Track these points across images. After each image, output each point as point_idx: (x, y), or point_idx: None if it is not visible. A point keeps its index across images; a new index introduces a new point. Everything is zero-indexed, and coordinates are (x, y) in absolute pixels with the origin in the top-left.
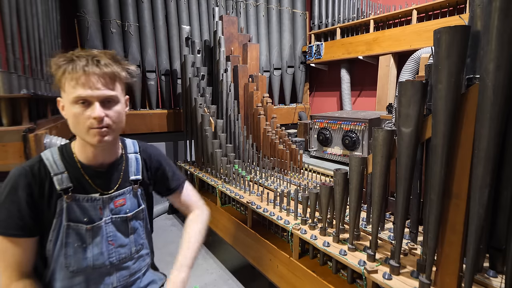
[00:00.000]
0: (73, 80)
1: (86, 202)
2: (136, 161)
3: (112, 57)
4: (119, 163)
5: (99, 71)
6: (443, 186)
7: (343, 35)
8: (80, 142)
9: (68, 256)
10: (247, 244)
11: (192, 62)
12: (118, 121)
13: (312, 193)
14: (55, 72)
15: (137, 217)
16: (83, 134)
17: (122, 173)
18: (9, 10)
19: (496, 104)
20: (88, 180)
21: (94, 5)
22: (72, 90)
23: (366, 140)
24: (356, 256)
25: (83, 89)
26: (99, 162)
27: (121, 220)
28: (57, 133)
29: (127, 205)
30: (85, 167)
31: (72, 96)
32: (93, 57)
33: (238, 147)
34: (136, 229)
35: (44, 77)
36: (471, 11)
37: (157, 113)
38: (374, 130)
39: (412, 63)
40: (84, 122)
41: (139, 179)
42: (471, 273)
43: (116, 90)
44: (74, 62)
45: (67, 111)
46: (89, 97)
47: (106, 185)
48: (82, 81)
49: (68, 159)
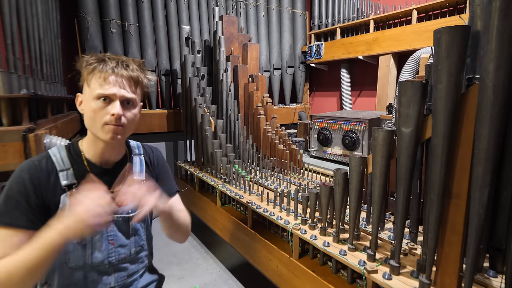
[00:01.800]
0: (101, 77)
1: None
2: (140, 162)
3: (139, 64)
4: (124, 162)
5: (126, 74)
6: (443, 186)
7: (343, 35)
8: (89, 139)
9: (68, 252)
10: (247, 244)
11: (192, 62)
12: (133, 123)
13: (312, 193)
14: (85, 68)
15: None
16: (97, 129)
17: (127, 174)
18: (9, 10)
19: (496, 104)
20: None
21: (94, 5)
22: (98, 87)
23: (366, 140)
24: (356, 256)
25: (109, 87)
26: (105, 160)
27: (123, 220)
28: (57, 133)
29: (129, 205)
30: (91, 164)
31: (97, 92)
32: (122, 61)
33: (238, 147)
34: (137, 230)
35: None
36: (471, 11)
37: (157, 113)
38: (374, 130)
39: (412, 63)
40: (102, 117)
41: (142, 180)
42: (471, 273)
43: (136, 94)
44: (105, 62)
45: (86, 105)
46: (112, 95)
47: (111, 183)
48: (109, 80)
49: (75, 156)
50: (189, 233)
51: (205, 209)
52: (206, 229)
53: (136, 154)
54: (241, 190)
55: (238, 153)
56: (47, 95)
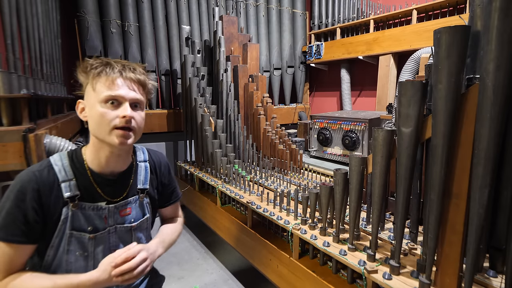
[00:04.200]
0: (109, 80)
1: (91, 211)
2: (145, 170)
3: (143, 68)
4: (129, 172)
5: (134, 76)
6: (443, 186)
7: (343, 35)
8: (94, 147)
9: (70, 263)
10: (247, 244)
11: (192, 62)
12: (141, 126)
13: (312, 193)
14: (89, 71)
15: (141, 227)
16: (105, 134)
17: (131, 182)
18: (9, 10)
19: (496, 104)
20: (96, 188)
21: (94, 5)
22: (105, 90)
23: (366, 140)
24: (356, 256)
25: (118, 89)
26: (110, 170)
27: (125, 229)
28: (57, 133)
29: (132, 215)
30: (95, 174)
31: (105, 95)
32: (128, 64)
33: (238, 147)
34: (140, 239)
35: (44, 77)
36: (471, 11)
37: (157, 113)
38: (374, 130)
39: (412, 63)
40: (109, 121)
41: (147, 188)
42: (471, 273)
43: (143, 96)
44: (111, 65)
45: (91, 111)
46: (121, 97)
47: (114, 194)
48: (117, 82)
49: (78, 165)
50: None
51: (205, 209)
52: (206, 229)
53: (141, 160)
54: (241, 190)
55: (238, 153)
56: (47, 95)
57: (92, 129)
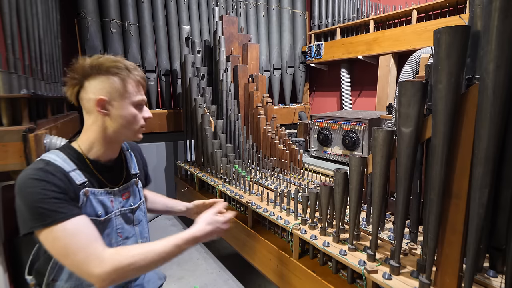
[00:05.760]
0: (136, 84)
1: (101, 196)
2: (131, 157)
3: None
4: (120, 158)
5: (144, 80)
6: (443, 186)
7: (343, 35)
8: (99, 141)
9: None
10: (247, 244)
11: (192, 62)
12: None
13: (312, 193)
14: (119, 72)
15: (140, 208)
16: (132, 133)
17: (125, 167)
18: (9, 10)
19: (496, 104)
20: (97, 175)
21: (94, 5)
22: (136, 94)
23: (366, 140)
24: (356, 256)
25: (142, 93)
26: (109, 158)
27: (128, 212)
28: (57, 133)
29: (131, 198)
30: (94, 162)
31: (137, 99)
32: (135, 67)
33: (238, 147)
34: (140, 220)
35: (44, 77)
36: (471, 11)
37: (157, 113)
38: (374, 130)
39: (412, 63)
40: (139, 121)
41: (138, 172)
42: (471, 273)
43: None
44: (133, 69)
45: (123, 111)
46: (143, 101)
47: (114, 179)
48: (141, 86)
49: (76, 156)
50: None
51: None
52: None
53: (125, 150)
54: (241, 190)
55: (238, 153)
56: (47, 95)
57: (119, 127)
